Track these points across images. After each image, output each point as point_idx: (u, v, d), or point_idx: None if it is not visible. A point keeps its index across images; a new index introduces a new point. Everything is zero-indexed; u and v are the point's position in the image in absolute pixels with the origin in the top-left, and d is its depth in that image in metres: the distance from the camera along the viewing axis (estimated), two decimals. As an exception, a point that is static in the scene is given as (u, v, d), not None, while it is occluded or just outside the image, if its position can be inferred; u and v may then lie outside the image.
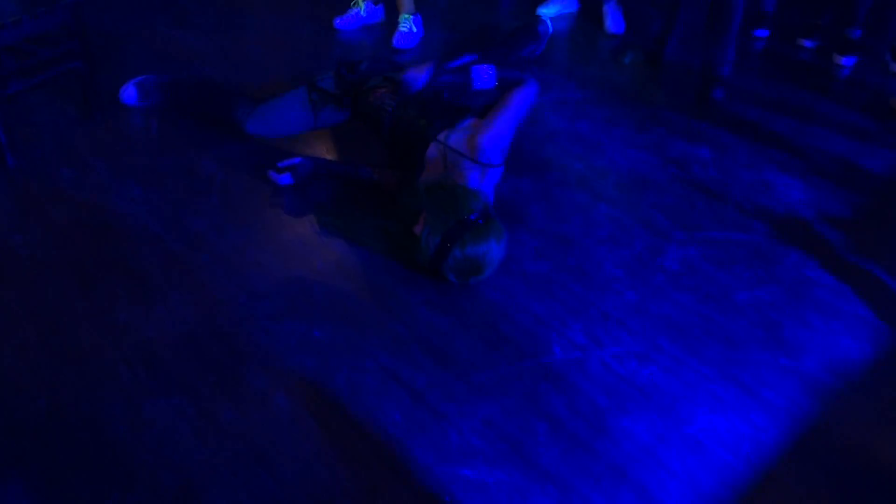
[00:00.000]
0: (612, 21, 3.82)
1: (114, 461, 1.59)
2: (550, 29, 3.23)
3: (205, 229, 2.27)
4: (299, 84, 2.62)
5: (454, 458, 1.61)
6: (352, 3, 3.69)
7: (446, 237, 1.99)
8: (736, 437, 1.68)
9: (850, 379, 1.84)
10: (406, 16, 3.53)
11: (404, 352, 1.87)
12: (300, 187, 2.44)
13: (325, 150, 2.68)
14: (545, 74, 3.29)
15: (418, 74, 2.48)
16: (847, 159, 2.77)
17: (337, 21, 3.68)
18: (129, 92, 2.86)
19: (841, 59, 3.50)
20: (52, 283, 2.06)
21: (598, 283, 2.11)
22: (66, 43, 2.61)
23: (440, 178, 2.19)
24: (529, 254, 2.22)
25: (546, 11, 3.92)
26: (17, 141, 2.54)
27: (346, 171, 2.48)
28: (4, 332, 1.91)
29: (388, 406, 1.73)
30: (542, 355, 1.87)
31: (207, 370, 1.81)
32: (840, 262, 2.23)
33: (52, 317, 1.95)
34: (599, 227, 2.34)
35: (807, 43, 3.67)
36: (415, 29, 3.54)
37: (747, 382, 1.81)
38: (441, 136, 2.29)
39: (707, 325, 1.98)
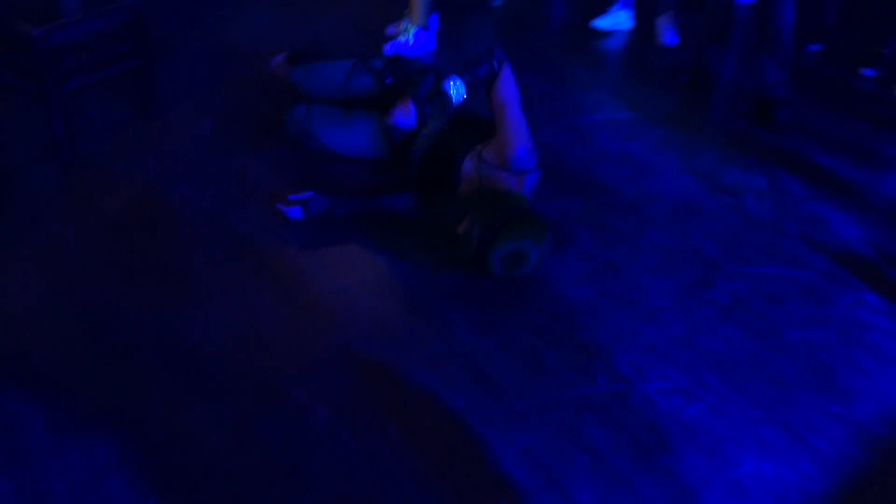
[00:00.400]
0: (665, 35, 3.79)
1: (152, 463, 1.60)
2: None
3: (251, 233, 2.28)
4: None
5: (490, 486, 1.59)
6: (401, 30, 3.50)
7: (491, 225, 2.02)
8: (782, 486, 1.62)
9: (904, 431, 1.78)
10: (410, 26, 3.47)
11: (445, 371, 1.85)
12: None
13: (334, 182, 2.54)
14: (597, 93, 3.26)
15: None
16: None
17: (386, 47, 3.51)
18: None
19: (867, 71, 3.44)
20: (100, 279, 2.09)
21: (645, 313, 2.07)
22: (127, 42, 2.65)
23: (479, 188, 2.24)
24: (575, 277, 2.18)
25: (601, 24, 3.88)
26: (74, 135, 2.58)
27: (370, 204, 2.34)
28: (50, 324, 1.94)
29: (426, 426, 1.72)
30: (585, 385, 1.83)
31: (248, 378, 1.81)
32: (898, 305, 2.16)
33: (97, 313, 1.98)
34: (648, 253, 2.30)
35: (867, 72, 3.57)
36: (412, 41, 3.47)
37: (796, 427, 1.76)
38: (474, 151, 2.31)
39: (756, 364, 1.92)
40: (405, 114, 2.37)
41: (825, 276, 2.25)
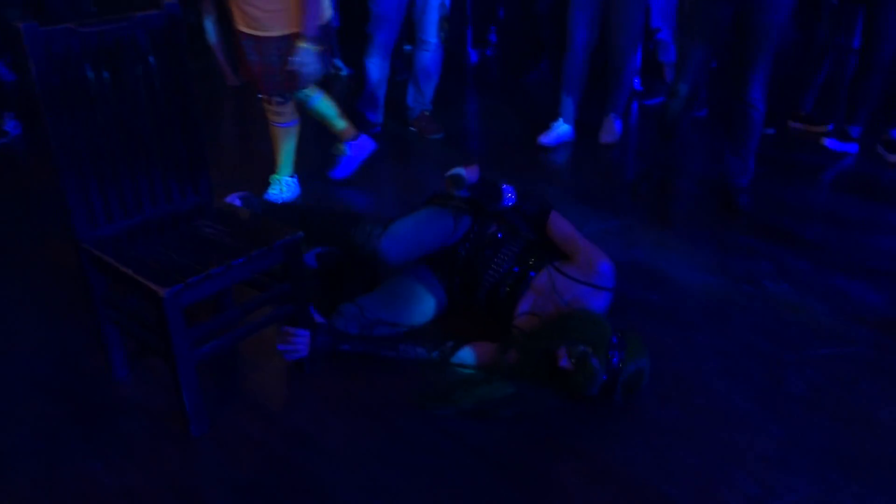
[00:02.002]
0: (609, 133, 4.01)
1: None
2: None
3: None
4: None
5: None
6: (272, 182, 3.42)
7: (612, 355, 1.98)
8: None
9: None
10: (277, 177, 3.44)
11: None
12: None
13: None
14: (578, 206, 3.32)
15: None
16: (893, 249, 2.86)
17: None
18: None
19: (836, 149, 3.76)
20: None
21: (737, 422, 2.02)
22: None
23: (557, 309, 2.18)
24: (652, 400, 2.12)
25: (546, 140, 4.03)
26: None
27: (387, 349, 2.21)
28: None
29: None
30: (725, 516, 1.74)
31: None
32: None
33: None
34: (706, 359, 2.28)
35: (794, 125, 3.89)
36: (284, 191, 3.41)
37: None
38: (551, 266, 2.28)
39: (870, 452, 1.90)
40: (472, 169, 2.34)
41: (876, 348, 2.31)
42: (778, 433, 1.98)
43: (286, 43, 2.95)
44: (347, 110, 4.27)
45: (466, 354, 2.21)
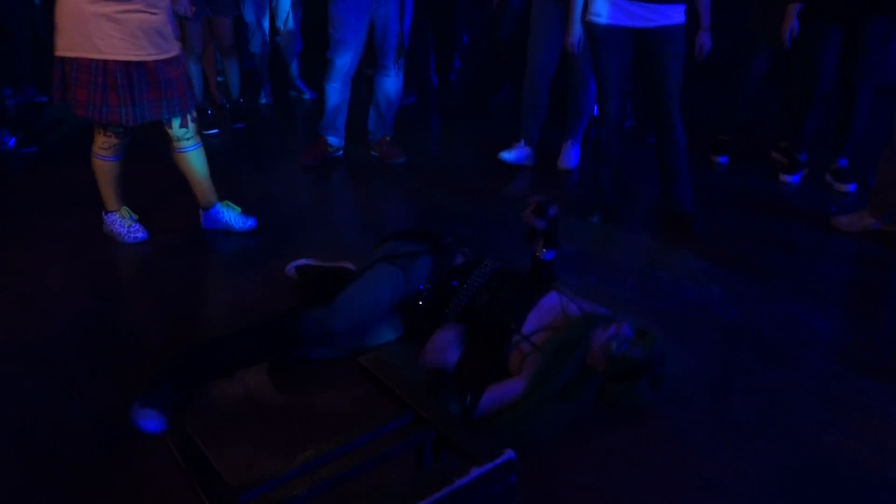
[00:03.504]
0: (568, 158, 4.07)
1: None
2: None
3: None
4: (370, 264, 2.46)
5: None
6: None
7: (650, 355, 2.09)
8: None
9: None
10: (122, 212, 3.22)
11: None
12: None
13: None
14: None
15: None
16: (840, 276, 2.93)
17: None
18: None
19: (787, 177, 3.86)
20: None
21: (684, 448, 2.03)
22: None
23: (568, 317, 2.23)
24: (600, 426, 2.12)
25: (507, 156, 4.08)
26: None
27: None
28: None
29: None
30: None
31: None
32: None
33: None
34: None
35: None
36: (126, 227, 3.20)
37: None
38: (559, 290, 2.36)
39: (814, 477, 1.93)
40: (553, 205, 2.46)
41: (822, 372, 2.35)
42: (724, 458, 2.00)
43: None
44: (310, 133, 4.29)
45: (489, 401, 2.09)
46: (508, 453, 1.35)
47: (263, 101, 5.53)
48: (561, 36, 3.83)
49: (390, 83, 4.13)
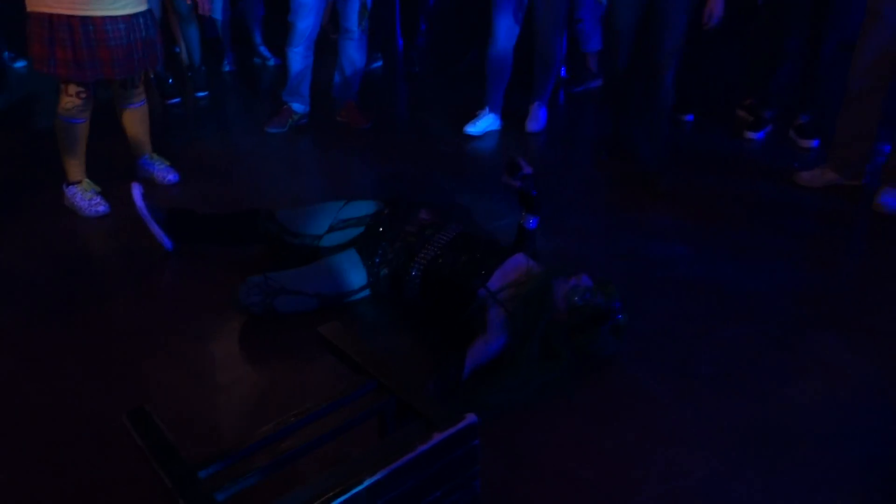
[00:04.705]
0: (534, 121, 4.04)
1: None
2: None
3: None
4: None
5: None
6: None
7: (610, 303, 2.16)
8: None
9: None
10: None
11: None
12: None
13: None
14: (505, 195, 3.34)
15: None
16: (802, 231, 2.98)
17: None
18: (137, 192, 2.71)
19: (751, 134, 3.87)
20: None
21: (649, 404, 2.06)
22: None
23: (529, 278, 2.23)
24: (568, 385, 2.13)
25: (472, 129, 4.04)
26: None
27: None
28: None
29: None
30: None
31: None
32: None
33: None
34: (623, 343, 2.32)
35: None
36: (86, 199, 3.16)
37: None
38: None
39: (774, 429, 1.96)
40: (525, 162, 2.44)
41: (781, 325, 2.39)
42: (687, 412, 2.04)
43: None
44: (276, 100, 4.22)
45: (471, 365, 2.09)
46: (470, 417, 1.36)
47: (227, 69, 5.42)
48: (523, -3, 3.79)
49: (354, 47, 4.06)
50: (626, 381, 2.17)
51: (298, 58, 4.00)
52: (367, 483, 1.22)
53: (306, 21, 3.88)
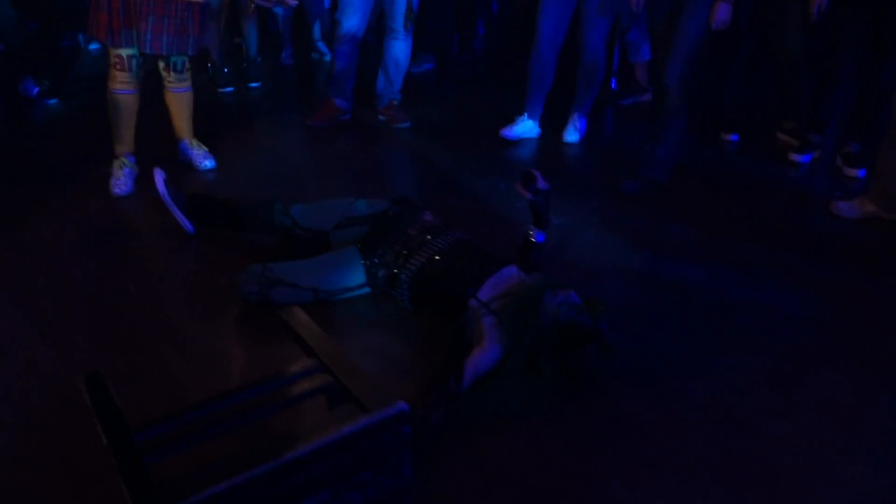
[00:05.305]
0: (572, 131, 4.01)
1: None
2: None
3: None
4: None
5: None
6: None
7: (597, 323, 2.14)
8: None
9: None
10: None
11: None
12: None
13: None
14: (520, 206, 3.32)
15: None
16: (827, 265, 2.85)
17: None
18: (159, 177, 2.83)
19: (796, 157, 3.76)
20: None
21: (627, 428, 2.02)
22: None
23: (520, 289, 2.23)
24: (548, 399, 2.13)
25: (510, 133, 4.04)
26: None
27: None
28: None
29: None
30: None
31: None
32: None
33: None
34: (613, 363, 2.28)
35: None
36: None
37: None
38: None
39: (751, 463, 1.90)
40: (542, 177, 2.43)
41: (781, 360, 2.30)
42: (664, 438, 1.99)
43: None
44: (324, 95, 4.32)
45: (470, 376, 2.07)
46: (400, 405, 1.39)
47: (285, 62, 5.57)
48: (569, 5, 3.75)
49: (399, 46, 4.11)
50: (606, 401, 2.13)
51: (344, 56, 4.08)
52: (288, 458, 1.26)
53: (352, 20, 3.96)
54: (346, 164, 3.81)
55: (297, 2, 3.66)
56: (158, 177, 2.80)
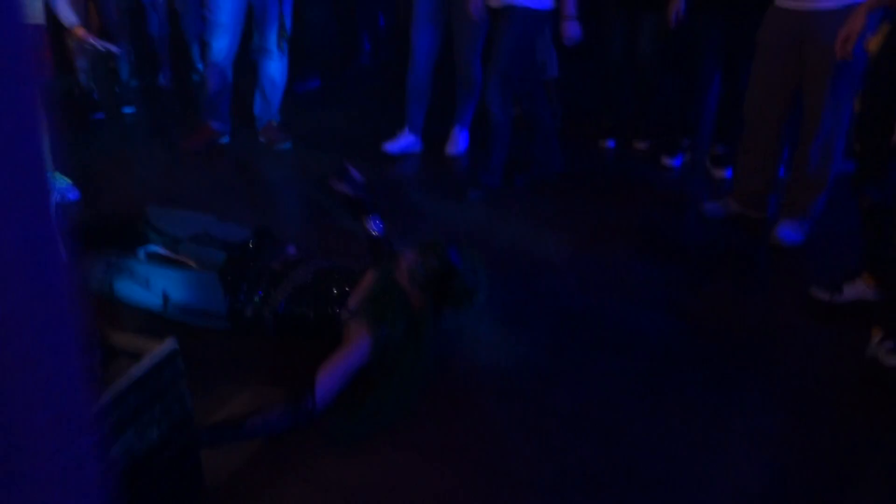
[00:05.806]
0: (456, 144, 4.02)
1: None
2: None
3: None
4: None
5: None
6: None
7: (450, 252, 2.19)
8: None
9: None
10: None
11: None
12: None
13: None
14: (412, 220, 3.29)
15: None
16: (695, 266, 2.94)
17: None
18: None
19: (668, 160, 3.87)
20: None
21: (494, 441, 2.00)
22: None
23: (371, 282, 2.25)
24: (419, 419, 2.08)
25: (392, 148, 4.01)
26: None
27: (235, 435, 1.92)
28: None
29: None
30: None
31: None
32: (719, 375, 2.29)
33: None
34: (487, 376, 2.27)
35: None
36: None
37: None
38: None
39: (616, 470, 1.91)
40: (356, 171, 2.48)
41: (649, 363, 2.34)
42: (531, 451, 1.97)
43: None
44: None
45: (330, 383, 2.02)
46: (170, 342, 1.61)
47: (163, 84, 5.37)
48: (442, 21, 3.76)
49: (274, 66, 4.02)
50: (476, 416, 2.10)
51: (216, 77, 3.95)
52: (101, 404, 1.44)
53: (222, 41, 3.85)
54: (219, 187, 3.68)
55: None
56: None
